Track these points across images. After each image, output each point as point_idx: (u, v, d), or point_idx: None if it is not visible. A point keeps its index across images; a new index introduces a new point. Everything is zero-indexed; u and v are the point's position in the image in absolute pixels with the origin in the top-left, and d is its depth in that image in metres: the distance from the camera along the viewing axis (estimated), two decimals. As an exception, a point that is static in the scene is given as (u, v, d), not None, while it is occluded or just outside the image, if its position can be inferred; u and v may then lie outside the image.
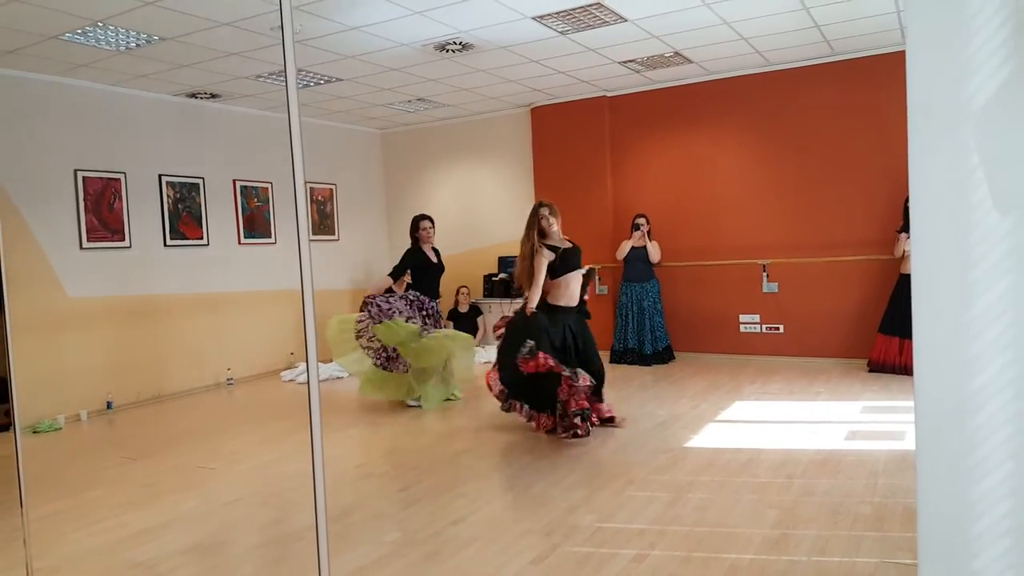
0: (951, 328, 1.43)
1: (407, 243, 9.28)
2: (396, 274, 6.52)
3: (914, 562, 2.93)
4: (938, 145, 1.41)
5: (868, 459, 4.34)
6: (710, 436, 5.07)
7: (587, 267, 5.44)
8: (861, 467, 4.20)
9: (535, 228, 5.20)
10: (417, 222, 6.57)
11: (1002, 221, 1.37)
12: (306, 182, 1.96)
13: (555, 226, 5.22)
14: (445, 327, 6.74)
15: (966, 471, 1.42)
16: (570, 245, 5.26)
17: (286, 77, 1.75)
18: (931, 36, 1.39)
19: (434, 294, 6.54)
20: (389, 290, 6.56)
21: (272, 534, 3.71)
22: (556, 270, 5.16)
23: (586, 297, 5.43)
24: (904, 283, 6.69)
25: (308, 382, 1.88)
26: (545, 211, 5.23)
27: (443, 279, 7.17)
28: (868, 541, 3.21)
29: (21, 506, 2.75)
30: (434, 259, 6.57)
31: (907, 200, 6.85)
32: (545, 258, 5.12)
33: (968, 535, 1.41)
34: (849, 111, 7.19)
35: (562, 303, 5.21)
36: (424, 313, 6.37)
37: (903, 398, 5.82)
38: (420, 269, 6.51)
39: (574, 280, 5.23)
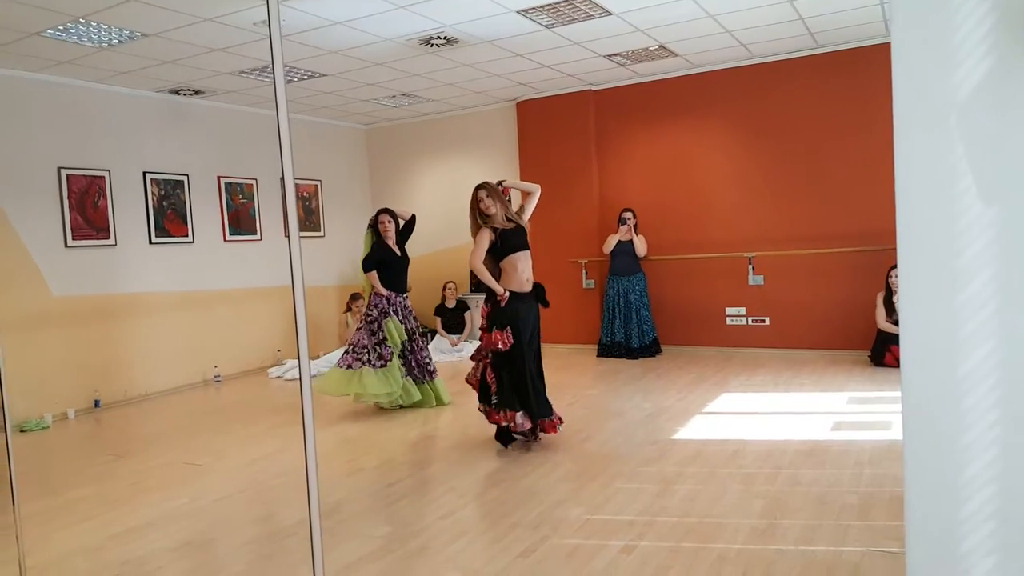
0: (937, 316, 1.45)
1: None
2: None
3: (900, 550, 2.97)
4: (923, 136, 1.43)
5: (854, 449, 4.39)
6: (697, 428, 5.10)
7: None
8: (847, 457, 4.24)
9: (475, 212, 4.90)
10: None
11: (986, 210, 1.39)
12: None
13: (493, 208, 4.82)
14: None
15: (952, 457, 1.45)
16: (512, 225, 4.88)
17: (273, 73, 1.75)
18: (916, 27, 1.41)
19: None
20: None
21: (261, 530, 3.70)
22: (497, 251, 4.83)
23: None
24: None
25: (300, 378, 1.88)
26: (482, 193, 4.86)
27: (430, 275, 7.11)
28: (855, 530, 3.25)
29: (13, 504, 2.74)
30: (398, 252, 6.38)
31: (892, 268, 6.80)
32: (485, 235, 4.81)
33: (954, 519, 1.44)
34: (833, 103, 7.25)
35: (514, 288, 4.83)
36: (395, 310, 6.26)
37: (888, 388, 5.88)
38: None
39: (521, 261, 4.85)
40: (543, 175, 8.74)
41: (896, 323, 6.71)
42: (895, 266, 6.74)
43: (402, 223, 6.46)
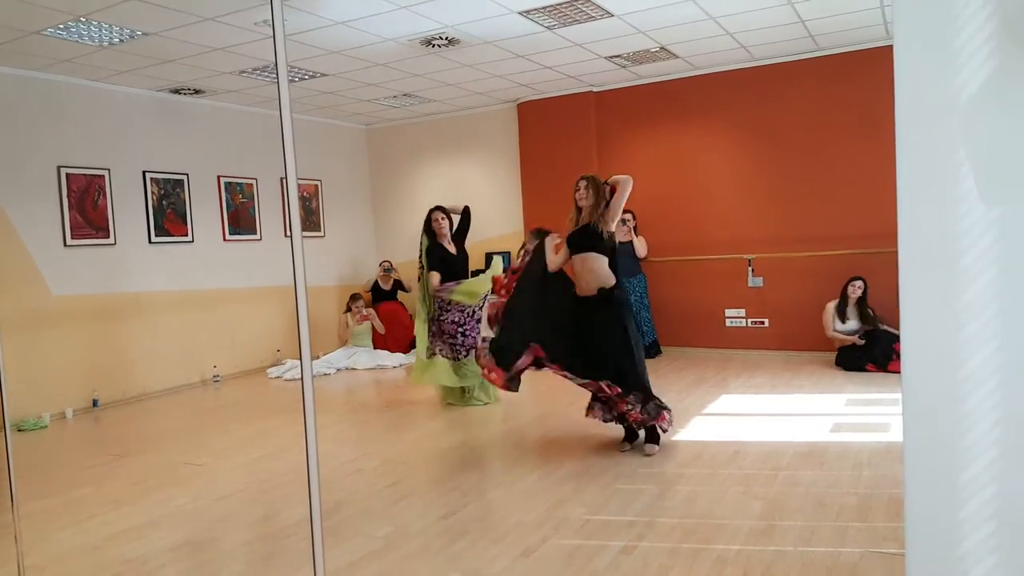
0: (938, 318, 1.46)
1: (393, 238, 9.29)
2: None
3: (899, 552, 2.98)
4: (925, 138, 1.44)
5: (852, 451, 4.39)
6: (697, 429, 5.11)
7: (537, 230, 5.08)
8: (845, 459, 4.25)
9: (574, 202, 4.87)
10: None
11: (988, 212, 1.40)
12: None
13: (585, 200, 4.76)
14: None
15: (952, 458, 1.46)
16: (588, 223, 4.72)
17: (277, 74, 1.75)
18: (918, 31, 1.42)
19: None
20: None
21: (262, 530, 3.71)
22: (569, 248, 4.81)
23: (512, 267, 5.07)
24: None
25: (302, 377, 1.88)
26: (581, 183, 4.85)
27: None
28: (853, 531, 3.25)
29: (12, 503, 2.74)
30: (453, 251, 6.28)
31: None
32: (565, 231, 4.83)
33: (954, 520, 1.45)
34: (834, 106, 7.26)
35: (576, 291, 4.73)
36: None
37: (886, 391, 5.89)
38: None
39: (579, 263, 4.69)
40: (544, 176, 8.76)
41: (849, 331, 6.87)
42: (857, 277, 6.83)
43: (456, 219, 6.30)
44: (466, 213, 6.35)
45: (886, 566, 2.90)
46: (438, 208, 6.27)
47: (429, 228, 6.21)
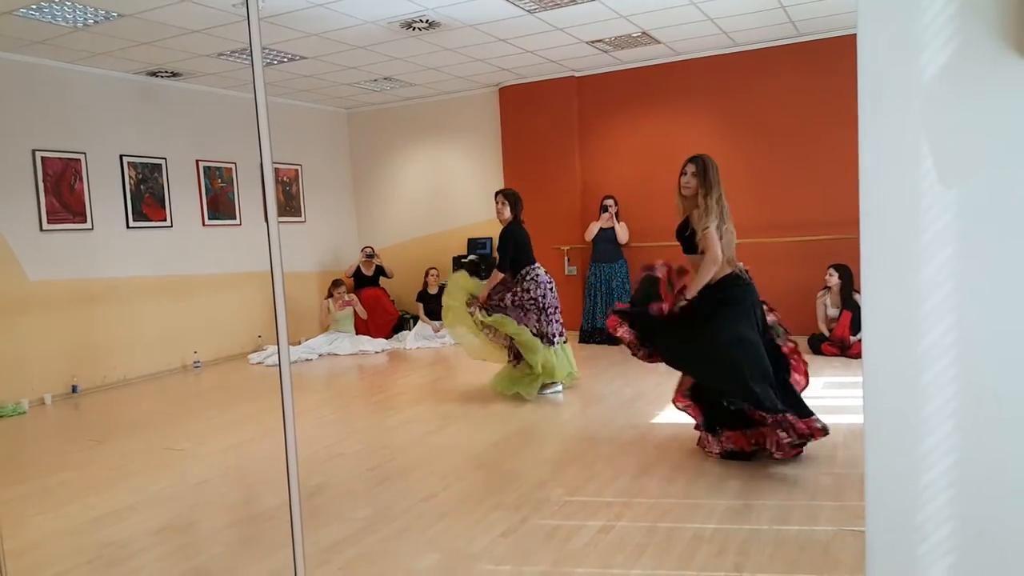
0: (898, 293, 1.50)
1: (375, 224, 9.14)
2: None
3: (870, 528, 3.04)
4: (887, 119, 1.47)
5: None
6: (676, 412, 5.13)
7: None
8: (821, 440, 4.30)
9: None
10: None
11: (947, 192, 1.44)
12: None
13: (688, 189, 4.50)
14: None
15: (912, 429, 1.50)
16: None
17: (252, 56, 1.75)
18: (881, 12, 1.44)
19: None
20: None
21: (242, 514, 3.72)
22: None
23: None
24: None
25: (280, 362, 1.89)
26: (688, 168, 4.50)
27: (411, 261, 6.80)
28: (827, 510, 3.31)
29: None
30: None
31: None
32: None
33: (913, 489, 1.50)
34: (815, 91, 7.30)
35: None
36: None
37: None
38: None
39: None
40: (525, 161, 8.76)
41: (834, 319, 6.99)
42: (833, 265, 6.86)
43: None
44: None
45: (857, 543, 2.96)
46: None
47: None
